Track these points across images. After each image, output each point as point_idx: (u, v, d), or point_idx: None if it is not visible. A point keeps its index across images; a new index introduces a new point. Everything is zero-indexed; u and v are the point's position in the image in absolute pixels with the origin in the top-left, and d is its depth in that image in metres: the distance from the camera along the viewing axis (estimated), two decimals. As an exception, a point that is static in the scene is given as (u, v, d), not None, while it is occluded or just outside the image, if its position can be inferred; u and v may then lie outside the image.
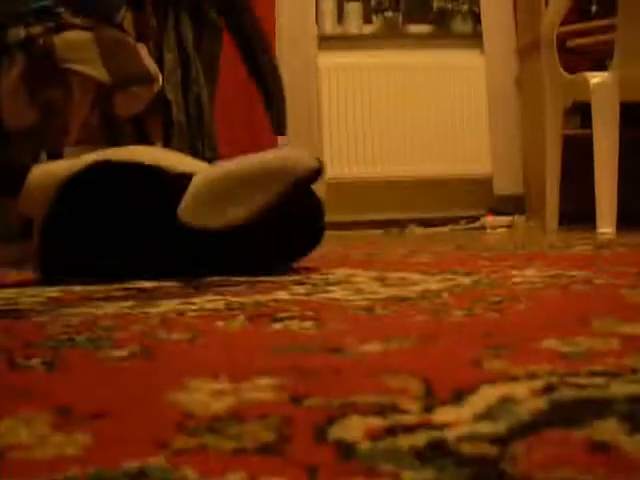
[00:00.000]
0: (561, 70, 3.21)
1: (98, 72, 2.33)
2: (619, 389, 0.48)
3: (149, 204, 1.39)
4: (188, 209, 1.35)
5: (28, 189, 1.36)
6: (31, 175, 1.37)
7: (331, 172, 3.97)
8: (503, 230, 3.68)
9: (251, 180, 1.36)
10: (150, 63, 2.48)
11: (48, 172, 1.38)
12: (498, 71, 4.06)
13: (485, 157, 4.10)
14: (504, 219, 3.88)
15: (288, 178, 1.36)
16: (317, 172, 1.41)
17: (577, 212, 3.35)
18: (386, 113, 4.04)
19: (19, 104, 2.28)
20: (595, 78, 2.97)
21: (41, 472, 0.37)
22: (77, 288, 1.26)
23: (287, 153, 1.41)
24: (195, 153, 2.56)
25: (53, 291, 1.24)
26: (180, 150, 2.39)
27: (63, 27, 2.33)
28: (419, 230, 3.92)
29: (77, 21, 2.35)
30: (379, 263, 1.65)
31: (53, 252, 1.40)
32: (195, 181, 1.37)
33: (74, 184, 1.37)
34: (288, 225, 1.44)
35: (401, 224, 3.98)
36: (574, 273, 1.25)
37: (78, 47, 2.31)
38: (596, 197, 2.96)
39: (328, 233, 1.57)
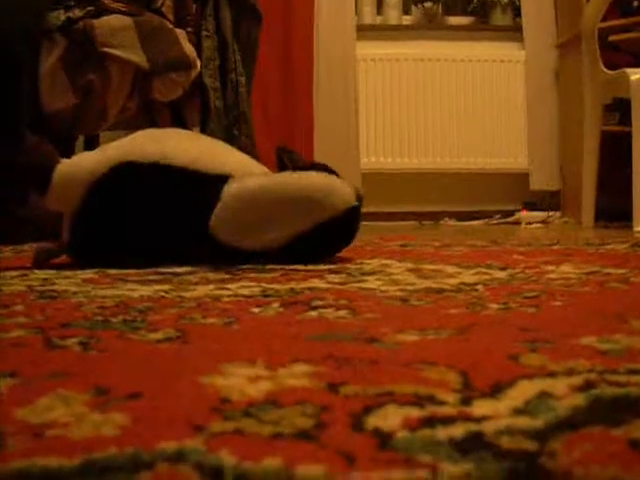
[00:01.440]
0: (601, 66, 3.17)
1: (137, 57, 2.34)
2: (660, 388, 0.47)
3: (180, 208, 1.37)
4: (222, 225, 1.33)
5: (57, 185, 1.35)
6: (58, 171, 1.36)
7: (367, 163, 3.96)
8: (538, 225, 3.65)
9: (291, 205, 1.34)
10: (189, 49, 2.49)
11: (77, 168, 1.36)
12: (538, 65, 4.03)
13: (522, 152, 4.07)
14: (539, 214, 3.85)
15: (329, 212, 1.35)
16: (356, 209, 1.42)
17: (613, 209, 3.32)
18: (423, 105, 4.02)
19: (58, 87, 2.29)
20: (635, 75, 2.94)
21: (78, 450, 0.37)
22: (112, 271, 1.27)
23: (331, 182, 1.38)
24: (231, 139, 2.56)
25: (88, 273, 1.25)
26: (216, 136, 2.40)
27: (103, 11, 2.34)
28: (453, 223, 3.90)
29: (117, 6, 2.36)
30: (414, 254, 1.65)
31: (83, 247, 1.40)
32: (230, 191, 1.34)
33: (105, 182, 1.35)
34: (324, 238, 1.42)
35: (435, 216, 3.97)
36: (610, 271, 1.24)
37: (118, 32, 2.32)
38: (633, 195, 2.92)
39: (363, 223, 1.56)
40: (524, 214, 3.86)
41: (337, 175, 1.42)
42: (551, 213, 3.84)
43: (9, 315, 0.81)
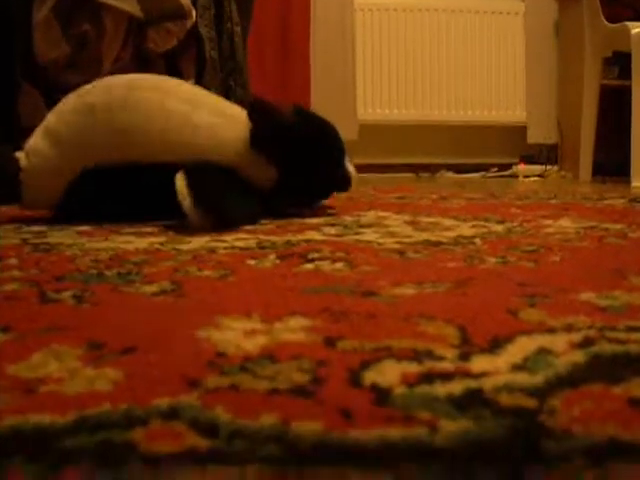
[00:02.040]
0: (602, 19, 3.14)
1: (131, 6, 2.31)
2: (660, 344, 0.46)
3: (153, 200, 1.32)
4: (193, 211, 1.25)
5: (27, 196, 1.31)
6: (25, 181, 1.31)
7: (363, 114, 3.93)
8: (535, 179, 3.64)
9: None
10: (184, -2, 2.45)
11: (44, 175, 1.29)
12: (537, 17, 3.99)
13: (520, 105, 4.05)
14: (537, 168, 3.84)
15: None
16: None
17: (611, 164, 3.31)
18: (421, 56, 3.99)
19: (52, 37, 2.26)
20: (636, 28, 2.91)
21: (71, 406, 0.36)
22: (106, 224, 1.26)
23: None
24: (227, 90, 2.54)
25: (83, 226, 1.24)
26: (212, 86, 2.37)
27: (97, -40, 2.30)
28: (450, 175, 3.89)
29: (111, -46, 2.32)
30: (410, 207, 1.64)
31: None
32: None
33: (78, 186, 1.30)
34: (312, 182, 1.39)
35: (432, 169, 3.95)
36: (608, 226, 1.23)
37: (112, -20, 2.29)
38: (632, 149, 2.91)
39: (360, 175, 1.55)
40: (521, 167, 3.85)
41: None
42: (548, 167, 3.83)
43: (3, 268, 0.80)
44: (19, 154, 1.32)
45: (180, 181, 1.18)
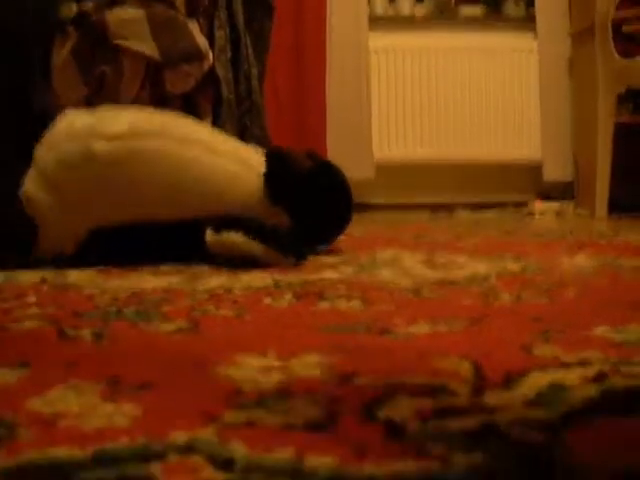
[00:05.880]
0: (615, 55, 3.15)
1: (149, 49, 2.34)
2: (674, 378, 0.47)
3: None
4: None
5: (44, 246, 1.26)
6: (42, 237, 1.25)
7: (380, 153, 3.95)
8: (551, 216, 3.63)
9: None
10: (201, 40, 2.48)
11: (58, 232, 1.25)
12: (551, 55, 4.00)
13: (535, 142, 4.05)
14: (553, 205, 3.83)
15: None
16: None
17: (628, 200, 3.30)
18: (436, 95, 4.00)
19: (70, 79, 2.29)
20: (650, 64, 2.92)
21: (90, 441, 0.37)
22: (125, 263, 1.26)
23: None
24: (243, 130, 2.56)
25: (101, 266, 1.24)
26: (228, 126, 2.39)
27: (115, 3, 2.34)
28: (467, 214, 3.89)
29: (129, -3, 2.36)
30: (427, 245, 1.64)
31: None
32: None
33: (93, 237, 1.26)
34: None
35: (449, 207, 3.96)
36: (623, 262, 1.23)
37: (130, 23, 2.32)
38: (647, 186, 2.91)
39: (376, 214, 1.56)
40: (538, 205, 3.85)
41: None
42: (565, 204, 3.82)
43: (22, 306, 0.81)
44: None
45: (233, 237, 1.19)
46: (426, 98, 4.00)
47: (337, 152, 3.84)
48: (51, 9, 2.25)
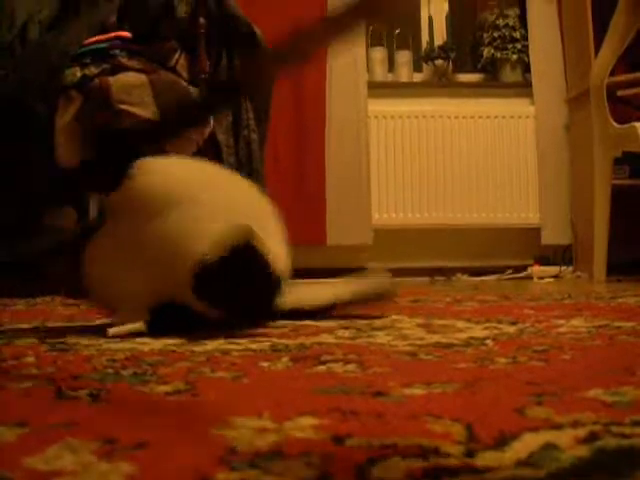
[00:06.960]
0: (611, 120, 3.19)
1: (151, 114, 2.37)
2: (664, 439, 0.47)
3: None
4: None
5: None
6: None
7: (379, 218, 3.97)
8: (550, 280, 3.64)
9: None
10: (202, 106, 2.52)
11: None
12: (547, 120, 4.05)
13: (533, 206, 4.08)
14: (551, 269, 3.84)
15: None
16: None
17: (625, 263, 3.31)
18: (434, 161, 4.04)
19: (74, 143, 2.32)
20: (645, 128, 2.96)
21: (86, 500, 0.37)
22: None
23: None
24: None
25: (99, 326, 1.25)
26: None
27: (118, 69, 2.38)
28: (466, 279, 3.89)
29: (132, 64, 2.40)
30: (424, 310, 1.65)
31: None
32: None
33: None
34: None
35: (448, 272, 3.97)
36: (620, 324, 1.23)
37: (133, 89, 2.36)
38: (645, 249, 2.92)
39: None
40: (536, 269, 3.86)
41: None
42: (563, 267, 3.83)
43: (20, 366, 0.82)
44: None
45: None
46: (425, 163, 4.04)
47: (336, 218, 3.87)
48: (55, 74, 2.29)
